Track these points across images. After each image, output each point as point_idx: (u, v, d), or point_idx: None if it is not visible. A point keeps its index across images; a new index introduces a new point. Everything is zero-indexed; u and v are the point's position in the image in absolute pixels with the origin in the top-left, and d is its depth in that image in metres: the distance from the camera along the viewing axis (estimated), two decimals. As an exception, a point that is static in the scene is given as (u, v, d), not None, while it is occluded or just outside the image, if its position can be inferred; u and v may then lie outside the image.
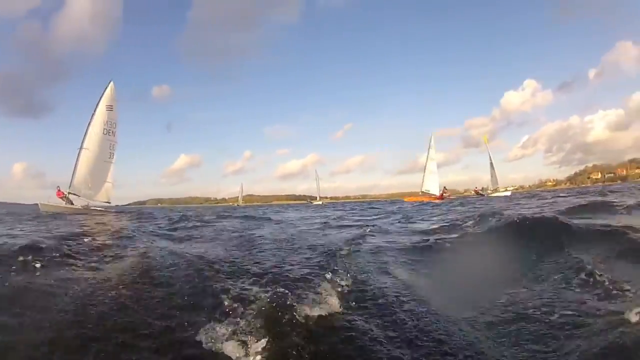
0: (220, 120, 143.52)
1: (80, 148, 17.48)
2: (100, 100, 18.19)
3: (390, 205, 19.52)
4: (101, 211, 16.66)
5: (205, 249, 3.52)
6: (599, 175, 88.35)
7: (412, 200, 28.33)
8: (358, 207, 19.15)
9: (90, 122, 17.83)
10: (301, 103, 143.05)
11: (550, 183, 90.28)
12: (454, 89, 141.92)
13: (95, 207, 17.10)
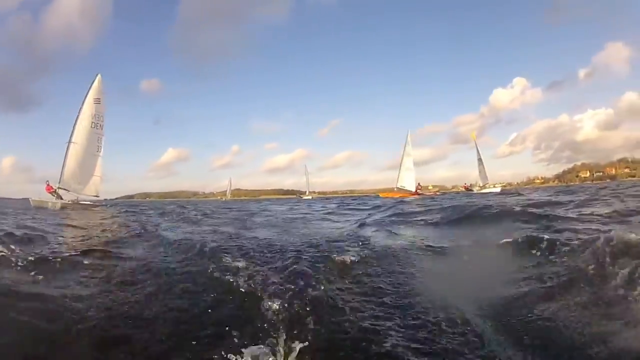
0: (208, 115, 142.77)
1: (69, 142, 17.50)
2: (87, 93, 18.08)
3: (371, 200, 20.52)
4: (89, 205, 16.92)
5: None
6: (588, 174, 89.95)
7: (387, 196, 29.11)
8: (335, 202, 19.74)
9: (78, 115, 17.79)
10: (289, 99, 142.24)
11: (538, 181, 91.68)
12: (442, 86, 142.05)
13: (84, 201, 17.30)
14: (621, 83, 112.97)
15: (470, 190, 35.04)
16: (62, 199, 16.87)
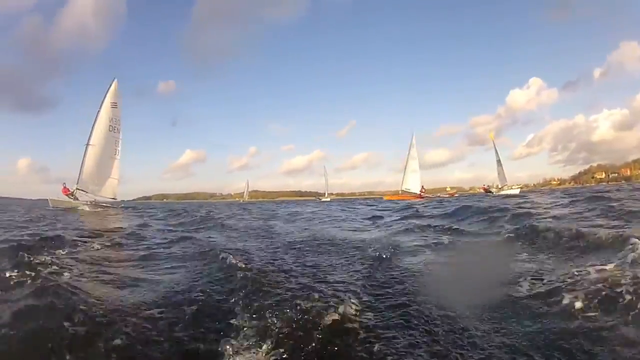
0: (225, 116, 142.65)
1: (87, 144, 18.00)
2: (105, 98, 18.59)
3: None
4: (107, 207, 17.34)
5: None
6: (603, 175, 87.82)
7: (392, 199, 29.04)
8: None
9: (96, 119, 18.30)
10: (306, 99, 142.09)
11: (554, 182, 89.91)
12: (459, 87, 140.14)
13: (101, 202, 17.73)
14: (636, 82, 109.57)
15: (490, 192, 34.23)
16: (77, 200, 17.33)
